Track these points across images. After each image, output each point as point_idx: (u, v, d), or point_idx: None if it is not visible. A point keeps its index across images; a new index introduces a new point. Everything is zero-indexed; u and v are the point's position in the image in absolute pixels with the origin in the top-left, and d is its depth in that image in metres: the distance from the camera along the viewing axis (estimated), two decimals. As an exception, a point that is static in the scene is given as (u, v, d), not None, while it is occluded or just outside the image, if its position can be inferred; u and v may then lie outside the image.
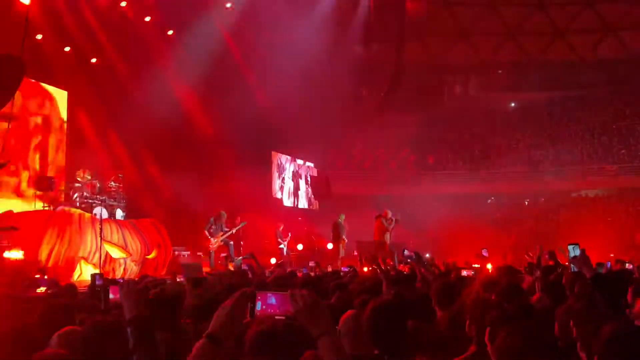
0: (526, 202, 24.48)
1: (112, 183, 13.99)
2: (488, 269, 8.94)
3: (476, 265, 10.90)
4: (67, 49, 15.04)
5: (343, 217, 16.46)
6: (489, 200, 24.70)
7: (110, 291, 3.86)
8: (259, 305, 2.09)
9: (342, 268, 11.63)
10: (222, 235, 14.32)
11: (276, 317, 2.09)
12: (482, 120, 25.53)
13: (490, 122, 25.51)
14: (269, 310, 2.10)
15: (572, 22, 26.32)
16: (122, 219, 13.78)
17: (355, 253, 16.27)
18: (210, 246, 14.30)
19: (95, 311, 3.87)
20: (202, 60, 16.19)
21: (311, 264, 12.25)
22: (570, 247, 5.39)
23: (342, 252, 15.97)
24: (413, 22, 23.63)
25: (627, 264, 8.92)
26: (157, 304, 4.22)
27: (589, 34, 26.82)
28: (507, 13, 25.98)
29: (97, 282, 5.41)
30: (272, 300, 2.11)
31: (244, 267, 10.22)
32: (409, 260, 9.72)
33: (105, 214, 12.79)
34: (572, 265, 5.15)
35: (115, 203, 13.89)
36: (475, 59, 26.70)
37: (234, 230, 14.46)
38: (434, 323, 3.72)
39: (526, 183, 22.59)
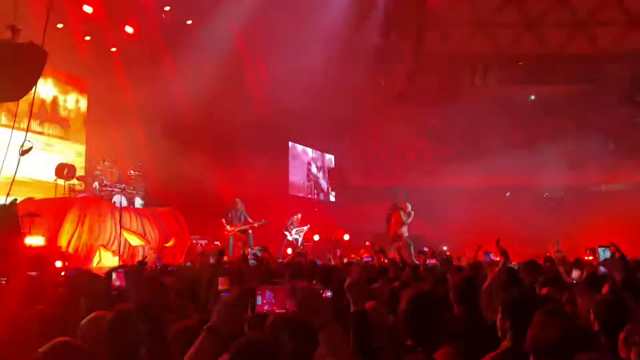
0: (545, 195, 24.24)
1: (132, 172, 14.13)
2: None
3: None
4: (87, 37, 15.13)
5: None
6: (507, 194, 24.49)
7: (116, 277, 3.84)
8: (259, 300, 2.09)
9: None
10: (240, 225, 14.46)
11: (277, 312, 2.09)
12: (501, 112, 25.22)
13: (509, 114, 25.20)
14: (270, 305, 2.10)
15: (595, 14, 25.85)
16: (141, 207, 13.92)
17: (367, 243, 16.24)
18: (226, 232, 14.48)
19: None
20: (221, 49, 16.19)
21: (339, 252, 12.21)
22: (600, 250, 5.31)
23: None
24: (433, 12, 23.36)
25: None
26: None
27: (612, 27, 26.33)
28: (528, 4, 25.58)
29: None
30: (273, 294, 2.10)
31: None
32: (425, 249, 9.74)
33: (124, 202, 12.93)
34: (601, 267, 5.09)
35: (134, 191, 14.04)
36: (495, 51, 26.35)
37: (256, 224, 14.61)
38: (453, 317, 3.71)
39: (545, 176, 22.34)
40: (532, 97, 27.56)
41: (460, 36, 25.82)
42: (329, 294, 4.23)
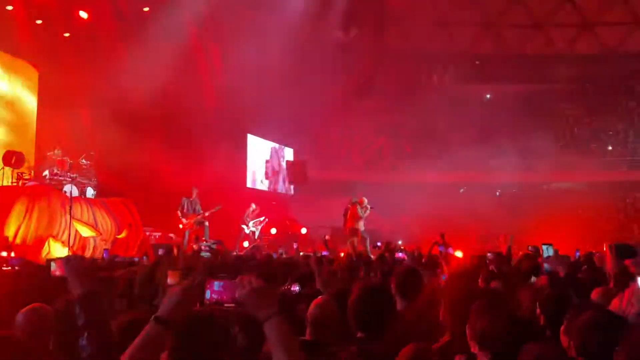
0: (497, 193, 24.81)
1: (84, 161, 13.76)
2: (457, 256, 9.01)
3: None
4: (38, 21, 14.62)
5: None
6: (462, 190, 24.97)
7: (56, 266, 3.74)
8: (207, 294, 2.08)
9: None
10: (194, 217, 14.23)
11: (225, 305, 2.08)
12: (458, 110, 25.70)
13: (465, 112, 25.68)
14: (218, 297, 2.09)
15: (551, 16, 26.59)
16: (93, 197, 13.59)
17: (327, 237, 16.27)
18: (181, 226, 14.23)
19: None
20: (179, 38, 15.90)
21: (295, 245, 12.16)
22: (544, 247, 5.43)
23: None
24: (394, 9, 23.59)
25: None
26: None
27: (566, 29, 27.15)
28: (487, 4, 26.13)
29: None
30: (221, 287, 2.09)
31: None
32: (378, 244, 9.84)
33: (75, 192, 12.60)
34: (545, 264, 5.24)
35: (86, 181, 13.69)
36: (453, 49, 26.80)
37: (207, 214, 14.37)
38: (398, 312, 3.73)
39: (498, 174, 22.86)
40: (488, 95, 28.16)
41: (420, 34, 26.17)
42: (297, 288, 4.21)
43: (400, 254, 8.33)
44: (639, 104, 27.06)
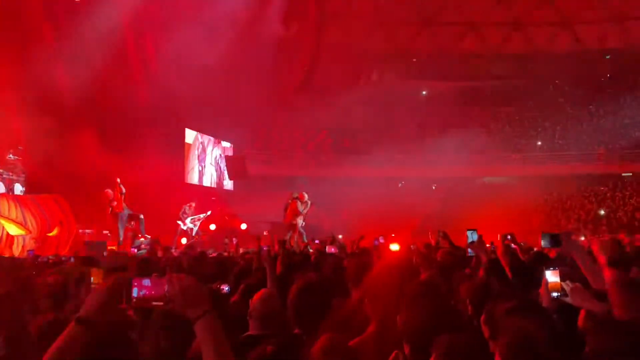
0: (434, 187, 25.45)
1: (11, 156, 13.16)
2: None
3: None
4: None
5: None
6: (400, 184, 25.46)
7: None
8: (135, 292, 2.04)
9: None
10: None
11: (153, 304, 2.05)
12: (396, 106, 26.16)
13: (403, 108, 26.17)
14: (145, 294, 2.05)
15: (484, 16, 27.44)
16: (22, 194, 13.03)
17: (265, 233, 16.21)
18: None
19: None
20: (113, 29, 15.39)
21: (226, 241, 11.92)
22: (468, 233, 5.54)
23: None
24: (334, 5, 23.72)
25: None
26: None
27: (499, 28, 28.10)
28: (424, 3, 26.67)
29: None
30: (148, 285, 2.06)
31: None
32: (316, 241, 9.93)
33: (2, 188, 12.05)
34: (469, 249, 5.36)
35: (13, 177, 13.11)
36: (392, 47, 27.25)
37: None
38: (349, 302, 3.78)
39: (435, 168, 23.46)
40: (424, 92, 28.80)
41: (360, 31, 26.45)
42: (227, 289, 4.15)
43: (333, 248, 8.45)
44: (566, 101, 28.38)
